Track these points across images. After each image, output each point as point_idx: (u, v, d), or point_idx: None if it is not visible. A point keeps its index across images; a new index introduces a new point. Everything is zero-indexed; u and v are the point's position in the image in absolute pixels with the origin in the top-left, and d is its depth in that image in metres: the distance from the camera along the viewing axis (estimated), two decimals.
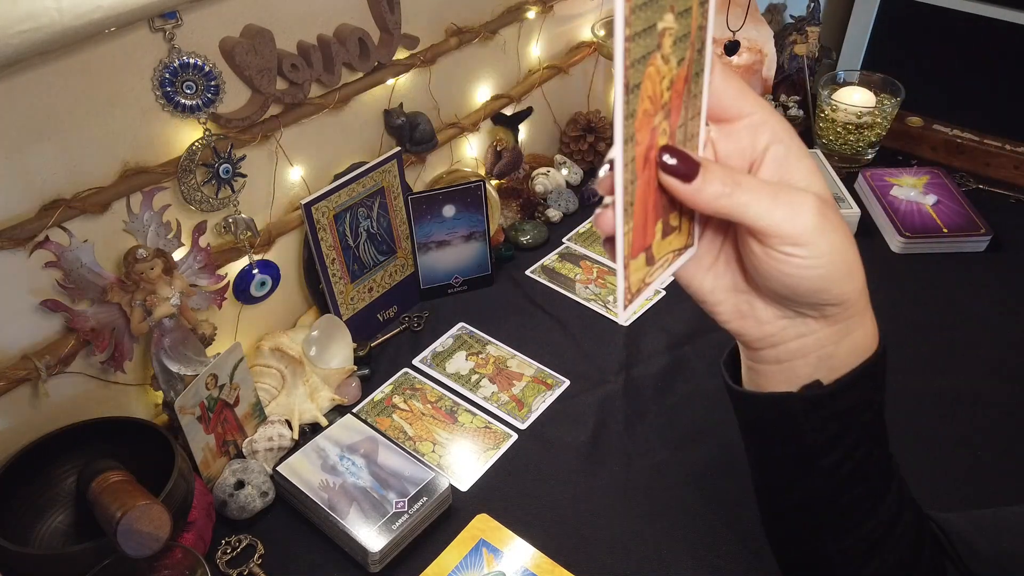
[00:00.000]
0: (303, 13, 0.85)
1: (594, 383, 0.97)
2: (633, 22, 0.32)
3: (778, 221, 0.37)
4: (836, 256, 0.38)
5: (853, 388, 0.42)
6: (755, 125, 0.40)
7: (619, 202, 0.34)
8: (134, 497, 0.66)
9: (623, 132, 0.33)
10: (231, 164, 0.82)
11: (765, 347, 0.43)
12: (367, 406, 0.95)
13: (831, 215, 0.38)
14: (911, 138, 1.37)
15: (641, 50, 0.33)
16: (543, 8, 1.16)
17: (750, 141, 0.40)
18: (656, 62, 0.34)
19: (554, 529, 0.80)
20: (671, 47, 0.35)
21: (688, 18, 0.35)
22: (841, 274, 0.39)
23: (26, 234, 0.69)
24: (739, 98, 0.39)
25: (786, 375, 0.43)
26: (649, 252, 0.38)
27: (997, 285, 1.10)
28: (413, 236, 1.06)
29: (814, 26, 1.39)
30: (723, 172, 0.37)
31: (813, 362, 0.42)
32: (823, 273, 0.38)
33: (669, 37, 0.34)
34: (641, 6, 0.32)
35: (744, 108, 0.39)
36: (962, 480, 0.84)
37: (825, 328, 0.41)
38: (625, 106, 0.33)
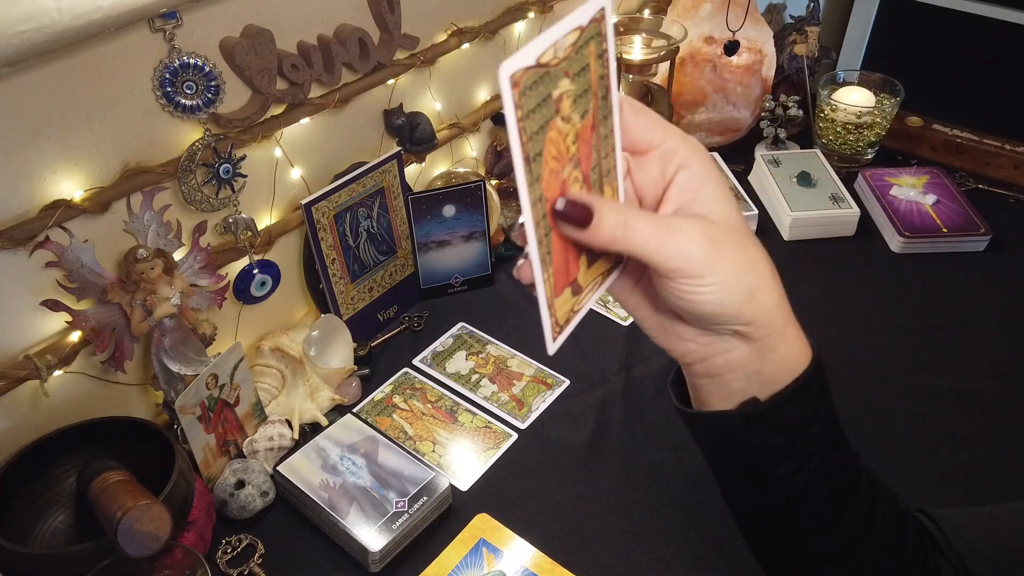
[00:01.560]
0: (303, 13, 0.85)
1: (594, 383, 0.97)
2: (524, 104, 0.34)
3: (669, 258, 0.38)
4: (732, 284, 0.39)
5: (791, 402, 0.43)
6: (665, 154, 0.41)
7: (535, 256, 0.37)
8: (134, 497, 0.66)
9: (529, 197, 0.35)
10: (231, 164, 0.83)
11: (693, 362, 0.44)
12: (367, 406, 0.95)
13: (725, 245, 0.39)
14: (911, 138, 1.37)
15: (537, 123, 0.35)
16: (543, 8, 1.16)
17: (661, 170, 0.42)
18: (556, 126, 0.36)
19: (554, 529, 0.80)
20: (571, 107, 0.37)
21: (586, 74, 0.37)
22: (740, 299, 0.40)
23: (26, 234, 0.69)
24: (648, 131, 0.41)
25: (722, 390, 0.44)
26: (575, 284, 0.41)
27: (997, 285, 1.10)
28: (413, 236, 1.06)
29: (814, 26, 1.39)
30: (615, 215, 0.38)
31: (742, 377, 0.43)
32: (719, 299, 0.39)
33: (567, 99, 0.36)
34: (530, 87, 0.34)
35: (654, 139, 0.41)
36: (962, 480, 0.84)
37: (744, 345, 0.42)
38: (527, 175, 0.35)
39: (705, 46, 1.34)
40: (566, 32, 0.35)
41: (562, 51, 0.35)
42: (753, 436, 0.44)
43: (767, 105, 1.35)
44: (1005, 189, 1.29)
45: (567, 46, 0.35)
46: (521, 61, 0.33)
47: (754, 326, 0.41)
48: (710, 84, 1.35)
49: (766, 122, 1.35)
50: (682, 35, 1.23)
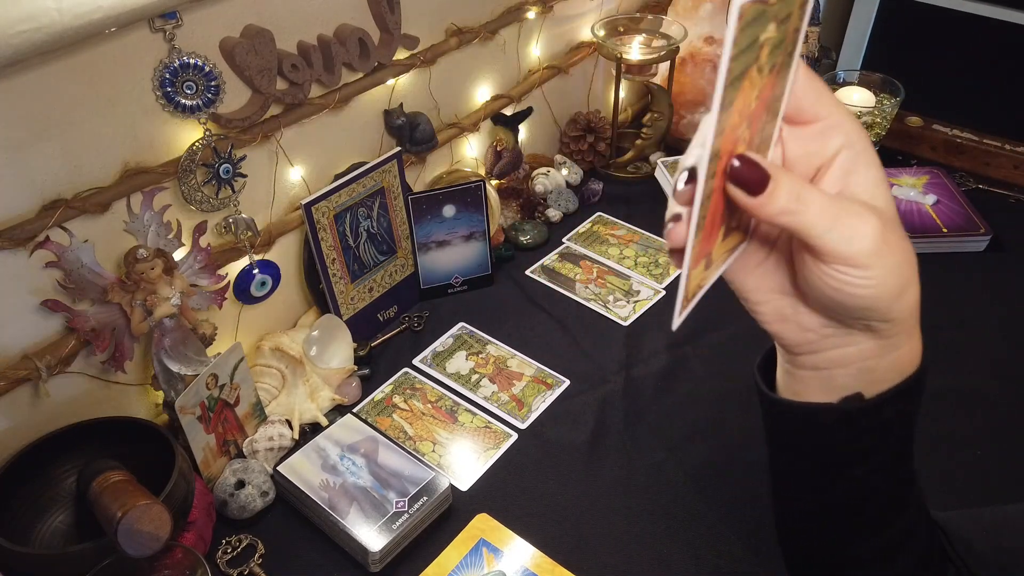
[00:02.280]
0: (303, 13, 0.85)
1: (594, 383, 0.97)
2: (740, 40, 0.30)
3: (838, 242, 0.36)
4: (891, 278, 0.37)
5: (891, 404, 0.41)
6: (828, 128, 0.38)
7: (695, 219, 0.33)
8: (134, 497, 0.66)
9: (710, 150, 0.32)
10: (231, 164, 0.83)
11: (804, 353, 0.42)
12: (367, 406, 0.95)
13: (892, 236, 0.37)
14: (911, 138, 1.37)
15: (741, 66, 0.31)
16: (543, 8, 1.16)
17: (821, 145, 0.39)
18: (751, 75, 0.32)
19: (554, 529, 0.80)
20: (767, 57, 0.33)
21: (787, 23, 0.33)
22: (893, 295, 0.37)
23: (26, 234, 0.69)
24: (817, 101, 0.38)
25: (824, 383, 0.42)
26: (709, 257, 0.37)
27: (997, 285, 1.10)
28: (413, 236, 1.06)
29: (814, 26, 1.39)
30: (791, 187, 0.35)
31: (853, 373, 0.41)
32: (875, 293, 0.37)
33: (767, 47, 0.33)
34: (750, 22, 0.30)
35: (820, 112, 0.38)
36: (962, 480, 0.84)
37: (869, 341, 0.40)
38: (718, 125, 0.31)
39: (705, 46, 1.34)
40: None
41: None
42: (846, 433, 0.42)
43: None
44: (1005, 189, 1.29)
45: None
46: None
47: (893, 323, 0.39)
48: (710, 84, 1.35)
49: None
50: (682, 35, 1.23)
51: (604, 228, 1.23)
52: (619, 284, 1.12)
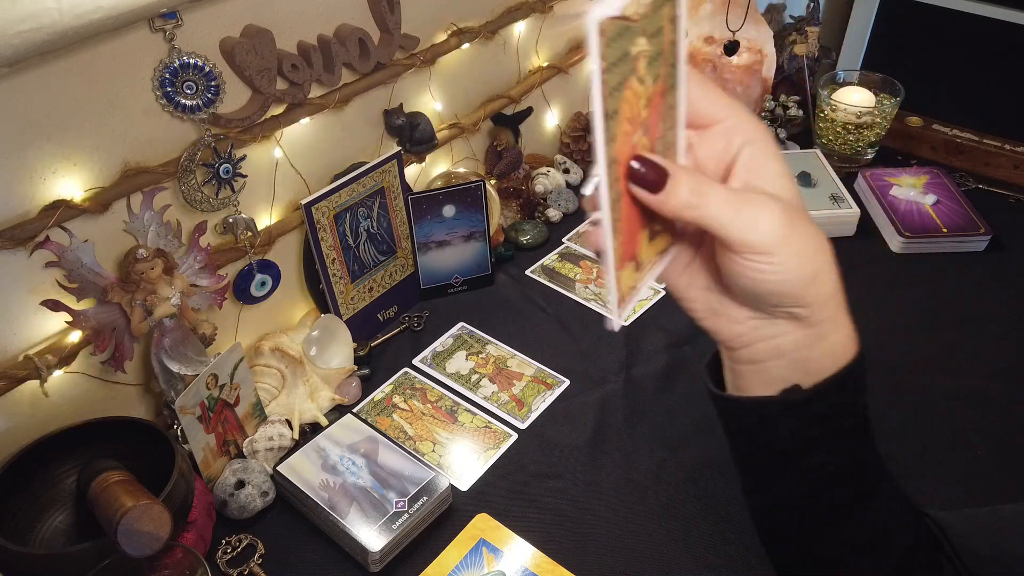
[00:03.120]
0: (303, 13, 0.85)
1: (594, 383, 0.97)
2: (608, 55, 0.32)
3: (742, 231, 0.38)
4: (801, 263, 0.39)
5: (831, 393, 0.43)
6: (729, 129, 0.40)
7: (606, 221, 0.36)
8: (134, 497, 0.66)
9: (605, 156, 0.34)
10: (231, 164, 0.83)
11: (739, 347, 0.43)
12: (367, 406, 0.95)
13: (797, 222, 0.38)
14: (911, 138, 1.37)
15: (617, 78, 0.34)
16: (543, 8, 1.16)
17: (724, 144, 0.41)
18: (632, 85, 0.35)
19: (554, 529, 0.80)
20: (646, 68, 0.35)
21: (660, 37, 0.36)
22: (805, 280, 0.39)
23: (26, 234, 0.69)
24: (712, 104, 0.40)
25: (762, 376, 0.43)
26: (637, 259, 0.40)
27: (997, 285, 1.10)
28: (413, 236, 1.06)
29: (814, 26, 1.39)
30: (691, 182, 0.37)
31: (787, 364, 0.42)
32: (787, 278, 0.39)
33: (643, 59, 0.35)
34: (614, 38, 0.33)
35: (718, 113, 0.40)
36: (961, 480, 0.84)
37: (797, 331, 0.41)
38: (605, 132, 0.34)
39: (705, 46, 1.34)
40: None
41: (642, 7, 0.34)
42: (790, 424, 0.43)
43: (767, 105, 1.35)
44: (1005, 189, 1.29)
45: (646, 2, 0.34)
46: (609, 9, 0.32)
47: (812, 309, 0.40)
48: None
49: (766, 122, 1.35)
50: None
51: None
52: None
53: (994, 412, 0.92)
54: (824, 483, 0.45)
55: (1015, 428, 0.90)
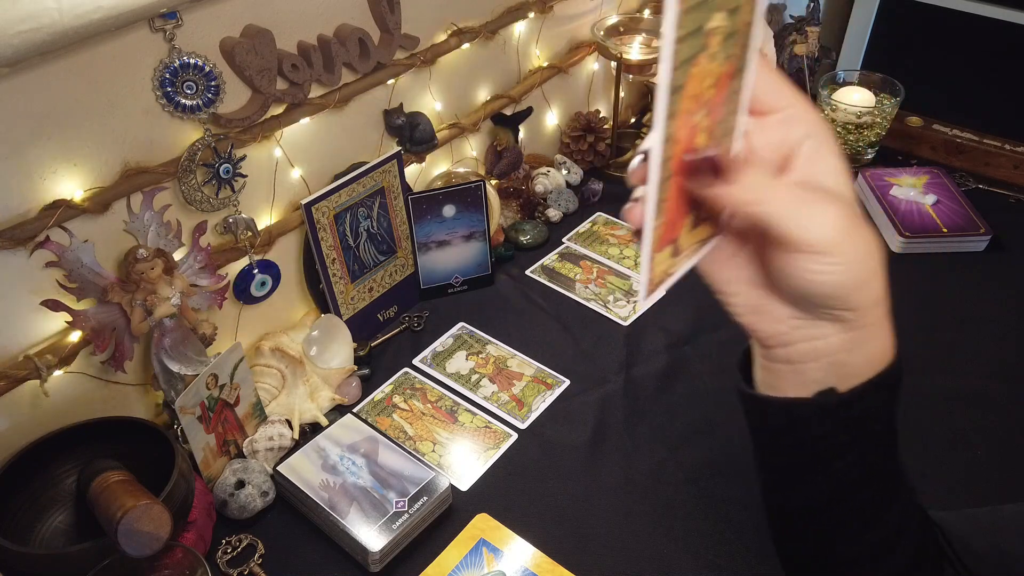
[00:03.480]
0: (303, 13, 0.85)
1: (594, 383, 0.97)
2: (685, 23, 0.31)
3: (802, 231, 0.36)
4: (856, 265, 0.38)
5: (866, 398, 0.42)
6: (790, 119, 0.39)
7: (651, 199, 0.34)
8: (134, 497, 0.66)
9: (663, 132, 0.33)
10: (231, 164, 0.83)
11: (777, 345, 0.42)
12: (367, 406, 0.95)
13: (856, 223, 0.37)
14: (911, 138, 1.37)
15: (688, 51, 0.32)
16: (543, 8, 1.16)
17: (784, 135, 0.39)
18: (702, 62, 0.33)
19: (554, 529, 0.80)
20: (719, 45, 0.34)
21: (738, 15, 0.34)
22: (858, 283, 0.38)
23: (26, 234, 0.69)
24: (776, 92, 0.39)
25: (798, 377, 0.42)
26: (676, 244, 0.38)
27: (997, 285, 1.10)
28: (413, 236, 1.06)
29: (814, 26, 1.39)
30: (754, 178, 0.36)
31: (825, 367, 0.41)
32: (840, 280, 0.38)
33: (718, 36, 0.33)
34: (694, 7, 0.31)
35: (780, 102, 0.39)
36: (961, 480, 0.84)
37: (839, 334, 0.40)
38: (668, 107, 0.32)
39: None
40: None
41: None
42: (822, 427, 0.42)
43: None
44: (1005, 189, 1.29)
45: None
46: None
47: (859, 314, 0.39)
48: None
49: None
50: None
51: (604, 228, 1.23)
52: (619, 284, 1.12)
53: (994, 412, 0.92)
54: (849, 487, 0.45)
55: (1015, 428, 0.90)
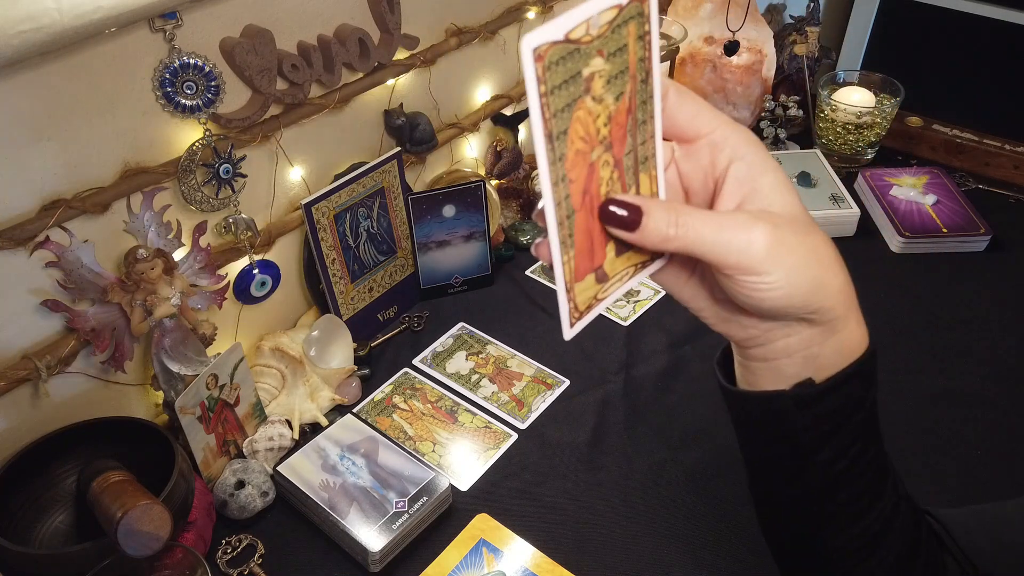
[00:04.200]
0: (303, 13, 0.85)
1: (594, 383, 0.97)
2: (548, 78, 0.33)
3: (727, 254, 0.37)
4: (796, 278, 0.38)
5: (843, 387, 0.43)
6: (715, 143, 0.40)
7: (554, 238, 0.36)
8: (134, 497, 0.66)
9: (550, 176, 0.34)
10: (231, 164, 0.83)
11: (752, 346, 0.43)
12: (367, 406, 0.95)
13: (786, 238, 0.38)
14: (911, 138, 1.37)
15: (563, 100, 0.34)
16: (543, 8, 1.16)
17: (711, 160, 0.40)
18: (586, 105, 0.35)
19: (554, 529, 0.80)
20: (603, 87, 0.36)
21: (624, 55, 0.36)
22: (806, 291, 0.39)
23: (26, 234, 0.69)
24: (695, 118, 0.40)
25: (774, 373, 0.43)
26: (600, 271, 0.40)
27: (997, 285, 1.10)
28: (413, 236, 1.06)
29: (814, 26, 1.39)
30: (666, 214, 0.37)
31: (799, 361, 0.42)
32: (784, 294, 0.39)
33: (600, 79, 0.35)
34: (556, 62, 0.33)
35: (702, 127, 0.40)
36: (961, 479, 0.84)
37: (808, 329, 0.42)
38: (549, 153, 0.34)
39: (705, 46, 1.34)
40: (603, 9, 0.34)
41: (596, 29, 0.34)
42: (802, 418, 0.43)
43: (767, 105, 1.35)
44: (1005, 189, 1.29)
45: (602, 24, 0.34)
46: (547, 35, 0.32)
47: (820, 313, 0.40)
48: (710, 84, 1.35)
49: (766, 122, 1.35)
50: (682, 35, 1.23)
51: None
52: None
53: (994, 412, 0.92)
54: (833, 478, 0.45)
55: (1015, 428, 0.90)
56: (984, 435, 0.89)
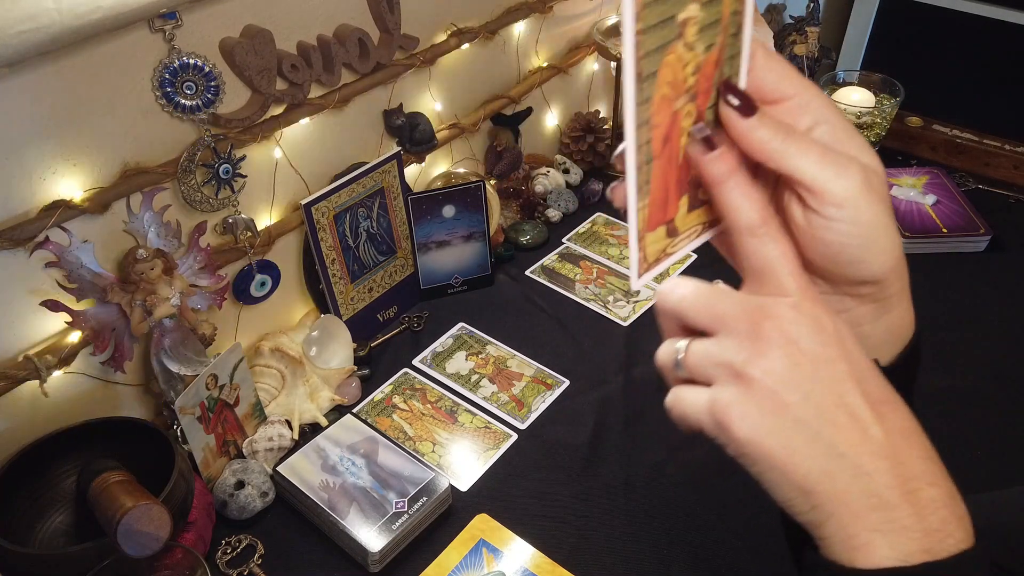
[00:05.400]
0: (303, 13, 0.85)
1: (594, 383, 0.97)
2: (645, 16, 0.32)
3: (823, 178, 0.37)
4: (876, 227, 0.38)
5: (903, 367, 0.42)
6: (798, 107, 0.39)
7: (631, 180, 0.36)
8: (134, 497, 0.66)
9: (635, 117, 0.34)
10: (231, 164, 0.83)
11: None
12: (367, 406, 0.95)
13: (877, 186, 0.38)
14: (911, 138, 1.37)
15: (656, 41, 0.34)
16: (543, 8, 1.16)
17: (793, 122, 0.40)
18: (677, 50, 0.35)
19: (554, 529, 0.80)
20: (696, 35, 0.35)
21: (718, 5, 0.36)
22: (879, 247, 0.39)
23: (26, 234, 0.69)
24: (781, 81, 0.39)
25: None
26: (671, 225, 0.40)
27: (997, 285, 1.10)
28: (413, 236, 1.06)
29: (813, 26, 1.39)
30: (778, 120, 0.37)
31: None
32: (862, 243, 0.38)
33: (693, 26, 0.35)
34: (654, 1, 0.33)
35: (786, 91, 0.39)
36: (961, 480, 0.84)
37: (861, 306, 0.41)
38: (637, 94, 0.34)
39: None
40: None
41: None
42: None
43: None
44: (1005, 189, 1.29)
45: None
46: None
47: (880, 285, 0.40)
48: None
49: None
50: None
51: (604, 228, 1.23)
52: (619, 284, 1.12)
53: (994, 412, 0.92)
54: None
55: (1014, 428, 0.90)
56: (984, 435, 0.89)
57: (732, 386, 0.36)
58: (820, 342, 0.36)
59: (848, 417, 0.35)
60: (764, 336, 0.36)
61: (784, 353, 0.35)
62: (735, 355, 0.36)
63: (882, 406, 0.36)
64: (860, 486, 0.35)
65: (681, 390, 0.38)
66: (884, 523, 0.35)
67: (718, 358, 0.37)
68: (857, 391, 0.36)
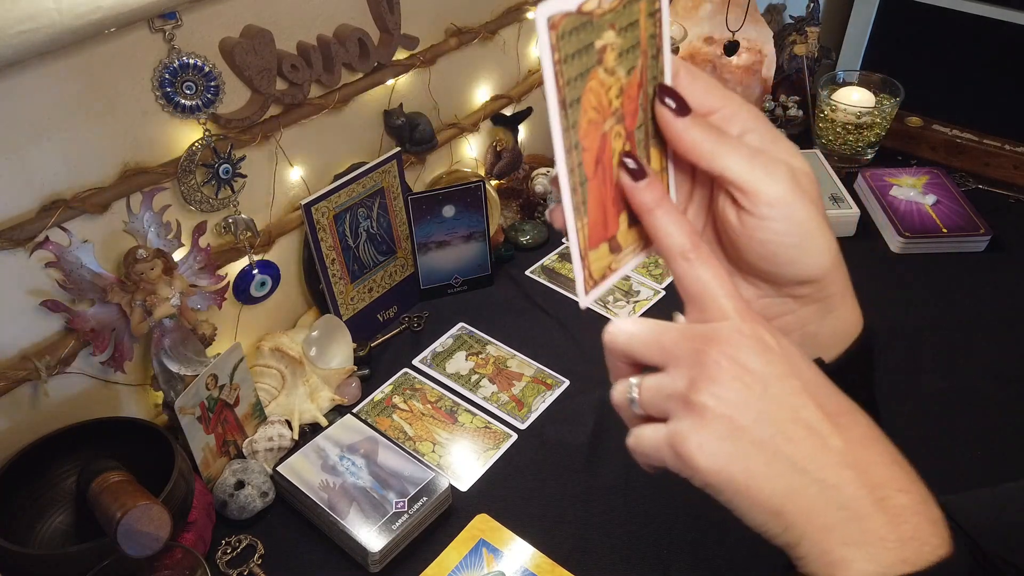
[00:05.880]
0: (303, 13, 0.85)
1: (594, 383, 0.97)
2: (562, 46, 0.34)
3: (753, 177, 0.38)
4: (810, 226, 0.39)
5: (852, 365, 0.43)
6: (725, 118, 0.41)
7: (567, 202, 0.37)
8: (134, 497, 0.66)
9: (564, 142, 0.36)
10: (231, 164, 0.83)
11: None
12: (367, 406, 0.95)
13: (807, 186, 0.39)
14: (910, 138, 1.37)
15: (577, 69, 0.35)
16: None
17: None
18: (598, 76, 0.37)
19: (554, 529, 0.80)
20: (615, 60, 0.37)
21: (635, 30, 0.38)
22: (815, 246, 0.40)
23: (26, 234, 0.69)
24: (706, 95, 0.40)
25: None
26: (613, 241, 0.41)
27: (997, 285, 1.10)
28: (413, 236, 1.06)
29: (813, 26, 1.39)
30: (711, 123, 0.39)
31: (797, 340, 0.43)
32: (796, 242, 0.39)
33: (612, 51, 0.37)
34: (570, 32, 0.34)
35: (713, 103, 0.41)
36: (961, 480, 0.84)
37: (804, 307, 0.42)
38: (563, 120, 0.35)
39: (705, 46, 1.34)
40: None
41: (608, 3, 0.36)
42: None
43: (767, 105, 1.35)
44: (1005, 189, 1.29)
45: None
46: (560, 6, 0.33)
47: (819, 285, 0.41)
48: None
49: None
50: (682, 35, 1.23)
51: None
52: (619, 284, 1.12)
53: (994, 412, 0.92)
54: None
55: (1015, 428, 0.90)
56: (984, 435, 0.89)
57: (686, 418, 0.36)
58: (766, 361, 0.36)
59: (805, 431, 0.35)
60: (711, 362, 0.35)
61: (732, 376, 0.35)
62: (685, 385, 0.36)
63: (839, 417, 0.36)
64: (828, 499, 0.35)
65: (640, 429, 0.39)
66: (858, 534, 0.34)
67: (669, 390, 0.37)
68: (811, 404, 0.35)
